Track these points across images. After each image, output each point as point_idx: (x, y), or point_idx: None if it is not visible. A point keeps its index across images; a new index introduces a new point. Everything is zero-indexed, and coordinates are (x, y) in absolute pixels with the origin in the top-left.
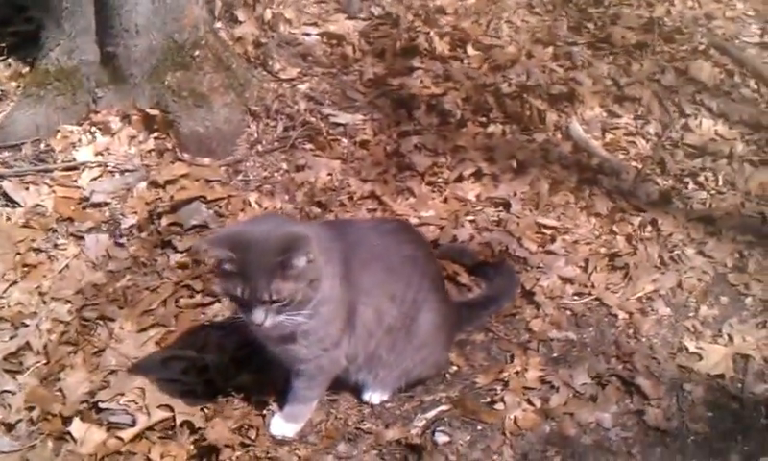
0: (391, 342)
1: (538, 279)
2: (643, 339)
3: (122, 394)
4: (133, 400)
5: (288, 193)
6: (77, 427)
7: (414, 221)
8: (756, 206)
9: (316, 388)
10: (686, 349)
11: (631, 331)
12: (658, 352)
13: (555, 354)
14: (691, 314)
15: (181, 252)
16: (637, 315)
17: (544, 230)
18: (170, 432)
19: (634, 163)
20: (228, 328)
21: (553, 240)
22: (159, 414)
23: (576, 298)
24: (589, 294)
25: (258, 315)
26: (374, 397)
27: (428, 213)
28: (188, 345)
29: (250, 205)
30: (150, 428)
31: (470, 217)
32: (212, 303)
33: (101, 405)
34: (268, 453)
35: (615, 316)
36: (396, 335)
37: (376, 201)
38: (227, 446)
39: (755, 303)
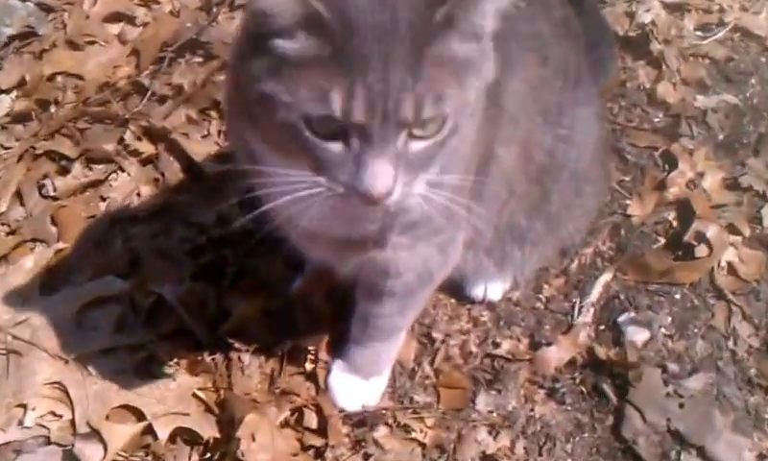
0: (539, 195)
1: (631, 15)
2: None
3: (23, 405)
4: (52, 413)
5: None
6: None
7: None
8: None
9: (412, 309)
10: None
11: None
12: None
13: (721, 136)
14: None
15: (8, 91)
16: None
17: None
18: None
19: None
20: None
21: None
22: (120, 431)
23: (702, 34)
24: (720, 24)
25: (382, 170)
26: (493, 289)
27: None
28: (105, 268)
29: None
30: None
31: None
32: (110, 176)
33: None
34: (366, 456)
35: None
36: (549, 182)
37: None
38: None
39: None
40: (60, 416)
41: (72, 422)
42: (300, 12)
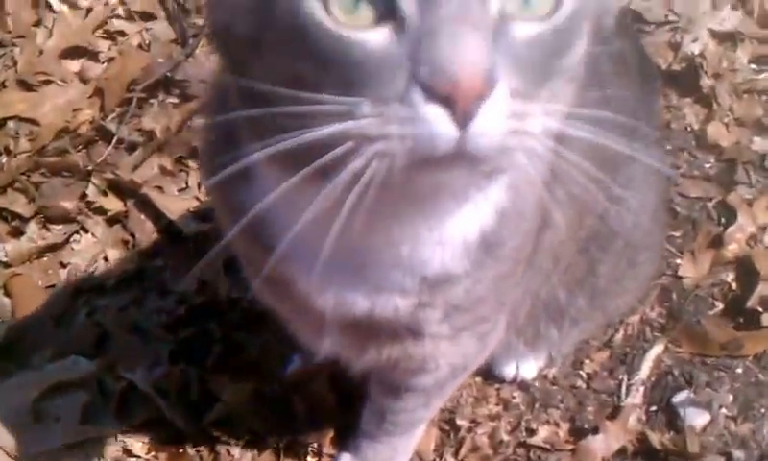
0: (583, 268)
1: (676, 48)
2: None
3: None
4: None
5: None
6: None
7: None
8: None
9: (438, 402)
10: None
11: None
12: None
13: None
14: None
15: None
16: None
17: None
18: None
19: None
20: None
21: None
22: None
23: (758, 67)
24: None
25: (463, 33)
26: (526, 367)
27: None
28: (67, 347)
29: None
30: None
31: None
32: (71, 237)
33: None
34: None
35: None
36: (596, 251)
37: None
38: None
39: None
40: None
41: None
42: None
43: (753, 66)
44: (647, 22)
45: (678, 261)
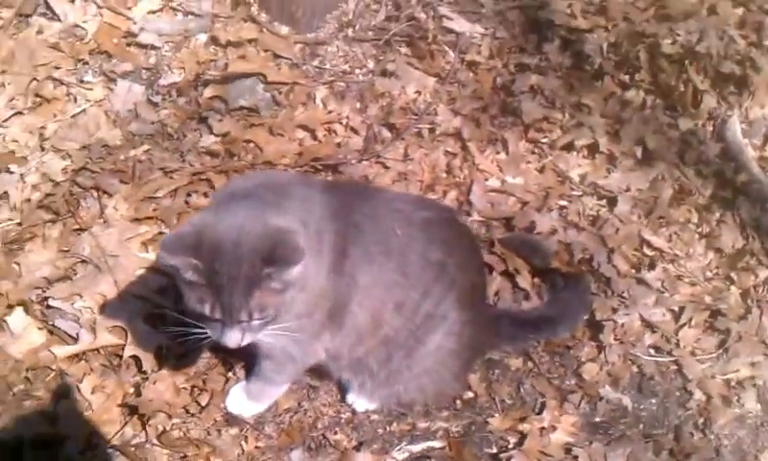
0: (385, 355)
1: (614, 311)
2: (712, 437)
3: (80, 295)
4: (89, 308)
5: (361, 101)
6: (17, 320)
7: (494, 185)
8: None
9: (284, 374)
10: None
11: (701, 420)
12: None
13: (597, 419)
14: None
15: (217, 135)
16: (717, 401)
17: (646, 250)
18: (114, 363)
19: None
20: None
21: (652, 266)
22: (107, 338)
23: (652, 352)
24: (670, 353)
25: (233, 336)
26: (359, 403)
27: (515, 180)
28: None
29: (314, 101)
30: (95, 350)
31: (563, 201)
32: None
33: (51, 302)
34: (208, 433)
35: (690, 394)
36: (392, 350)
37: (459, 143)
38: (161, 412)
39: None
40: (91, 311)
41: (97, 320)
42: (186, 265)
43: None
44: None
45: None
